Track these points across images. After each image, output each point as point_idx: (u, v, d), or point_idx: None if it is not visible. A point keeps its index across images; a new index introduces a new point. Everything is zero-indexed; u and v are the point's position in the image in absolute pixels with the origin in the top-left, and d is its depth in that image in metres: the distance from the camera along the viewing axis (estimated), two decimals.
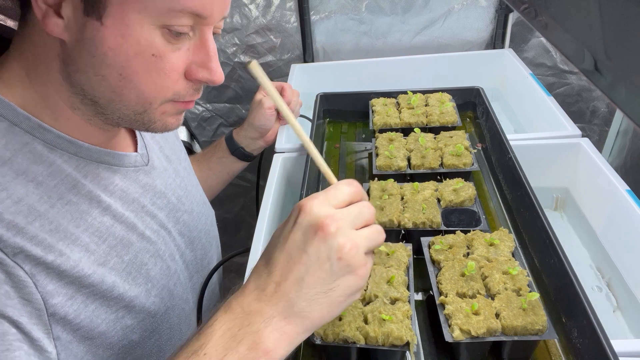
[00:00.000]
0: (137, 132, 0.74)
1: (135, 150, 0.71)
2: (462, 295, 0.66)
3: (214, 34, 0.59)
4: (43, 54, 0.55)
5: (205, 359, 0.46)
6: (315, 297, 0.49)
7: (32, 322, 0.51)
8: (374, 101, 1.13)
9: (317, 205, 0.50)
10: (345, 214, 0.50)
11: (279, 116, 1.13)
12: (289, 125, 1.17)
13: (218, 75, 0.58)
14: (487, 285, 0.67)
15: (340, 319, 0.62)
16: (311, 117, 1.11)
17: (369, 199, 0.85)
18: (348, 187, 0.52)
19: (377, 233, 0.52)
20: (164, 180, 0.74)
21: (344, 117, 1.19)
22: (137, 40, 0.52)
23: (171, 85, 0.56)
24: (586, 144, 1.02)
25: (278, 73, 1.54)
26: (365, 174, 1.01)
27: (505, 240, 0.73)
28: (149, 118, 0.58)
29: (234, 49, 1.50)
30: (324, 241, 0.48)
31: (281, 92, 1.11)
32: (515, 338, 0.61)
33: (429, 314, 0.71)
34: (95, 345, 0.58)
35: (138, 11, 0.51)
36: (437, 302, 0.65)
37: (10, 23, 0.87)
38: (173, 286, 0.70)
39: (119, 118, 0.58)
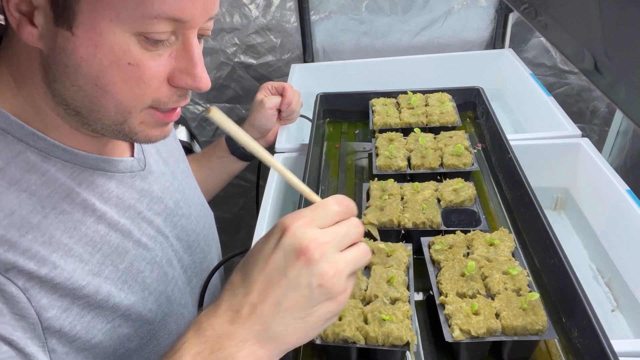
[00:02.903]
0: None
1: (132, 155, 0.69)
2: (462, 295, 0.66)
3: (202, 35, 0.56)
4: (26, 62, 0.53)
5: None
6: (291, 322, 0.47)
7: (26, 336, 0.50)
8: (374, 101, 1.13)
9: (302, 226, 0.47)
10: (332, 236, 0.48)
11: (280, 116, 1.13)
12: (289, 126, 1.18)
13: (203, 82, 0.54)
14: (487, 285, 0.67)
15: (340, 319, 0.62)
16: (311, 117, 1.11)
17: (369, 199, 0.85)
18: (337, 207, 0.50)
19: (363, 253, 0.50)
20: (162, 185, 0.72)
21: (344, 117, 1.19)
22: (110, 49, 0.49)
23: (151, 93, 0.53)
24: (586, 144, 1.02)
25: (278, 73, 1.54)
26: (365, 174, 1.01)
27: (505, 240, 0.73)
28: (129, 129, 0.55)
29: (234, 49, 1.50)
30: (305, 267, 0.46)
31: (282, 92, 1.11)
32: (515, 338, 0.61)
33: (429, 314, 0.71)
34: (92, 355, 0.57)
35: (110, 19, 0.48)
36: (437, 302, 0.65)
37: None
38: (171, 292, 0.69)
39: (102, 129, 0.56)
